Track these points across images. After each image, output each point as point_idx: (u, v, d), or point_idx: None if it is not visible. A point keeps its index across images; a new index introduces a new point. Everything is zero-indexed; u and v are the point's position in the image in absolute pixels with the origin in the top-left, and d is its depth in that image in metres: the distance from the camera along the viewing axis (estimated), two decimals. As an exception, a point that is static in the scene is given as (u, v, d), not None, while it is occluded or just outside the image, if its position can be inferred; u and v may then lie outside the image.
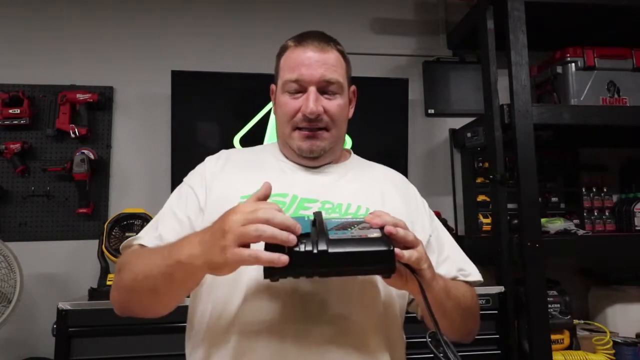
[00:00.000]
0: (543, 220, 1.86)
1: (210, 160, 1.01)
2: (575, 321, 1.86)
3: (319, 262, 0.64)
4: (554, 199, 2.19)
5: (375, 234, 0.68)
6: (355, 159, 1.08)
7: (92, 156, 2.03)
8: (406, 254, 0.69)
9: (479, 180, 2.19)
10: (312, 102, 0.91)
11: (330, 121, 0.94)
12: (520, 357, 1.70)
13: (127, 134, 2.14)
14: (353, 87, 1.04)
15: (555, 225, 1.91)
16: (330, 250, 0.64)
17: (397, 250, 0.67)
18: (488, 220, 2.07)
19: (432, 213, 1.04)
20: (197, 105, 2.07)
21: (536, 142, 1.74)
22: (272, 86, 1.03)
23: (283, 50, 0.98)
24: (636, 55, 2.03)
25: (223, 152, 1.03)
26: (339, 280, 0.82)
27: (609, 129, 2.01)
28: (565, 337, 1.81)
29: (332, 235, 0.66)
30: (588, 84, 1.99)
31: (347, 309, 0.82)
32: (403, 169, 2.18)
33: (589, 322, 1.98)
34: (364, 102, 2.30)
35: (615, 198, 2.22)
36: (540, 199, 1.88)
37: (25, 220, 2.02)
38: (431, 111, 2.32)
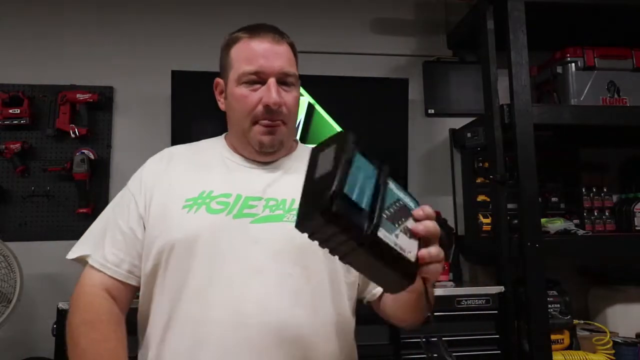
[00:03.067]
0: (543, 220, 1.86)
1: (152, 161, 1.00)
2: (575, 321, 1.86)
3: (351, 249, 0.57)
4: (554, 199, 2.18)
5: (412, 251, 0.61)
6: (300, 149, 1.05)
7: (92, 156, 2.03)
8: (428, 272, 0.63)
9: (479, 180, 2.18)
10: (274, 92, 0.90)
11: (287, 114, 0.93)
12: (520, 357, 1.70)
13: (127, 134, 2.14)
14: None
15: (555, 225, 1.91)
16: (370, 249, 0.57)
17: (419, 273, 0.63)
18: (488, 220, 2.07)
19: None
20: (197, 105, 2.06)
21: (536, 142, 1.74)
22: (217, 80, 1.01)
23: (233, 41, 0.96)
24: (636, 55, 2.03)
25: (165, 152, 1.02)
26: (292, 280, 0.84)
27: (609, 129, 2.01)
28: (565, 337, 1.81)
29: (381, 231, 0.57)
30: (588, 84, 1.99)
31: (300, 316, 0.84)
32: (403, 169, 2.18)
33: (589, 322, 1.98)
34: (364, 102, 2.31)
35: (615, 198, 2.21)
36: (540, 199, 1.88)
37: (25, 220, 2.02)
38: (431, 111, 2.32)
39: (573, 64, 2.00)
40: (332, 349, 0.87)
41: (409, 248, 0.61)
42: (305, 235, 0.57)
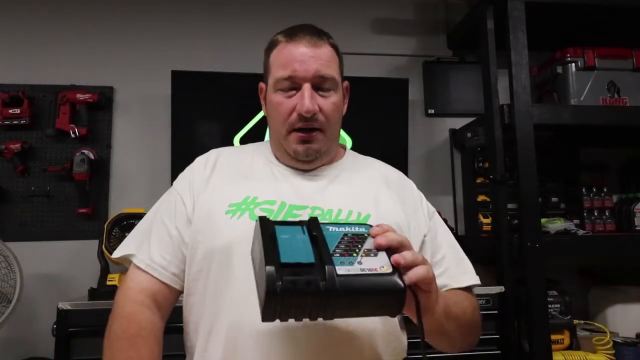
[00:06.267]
0: (543, 220, 1.87)
1: (199, 162, 0.98)
2: (575, 321, 1.86)
3: (325, 302, 0.56)
4: (554, 199, 2.18)
5: (385, 265, 0.60)
6: (348, 157, 1.03)
7: (92, 156, 2.03)
8: (410, 274, 0.62)
9: (479, 180, 2.18)
10: (307, 99, 0.86)
11: (325, 121, 0.90)
12: (520, 357, 1.70)
13: (127, 134, 2.14)
14: (346, 83, 1.01)
15: (555, 225, 1.91)
16: (340, 289, 0.56)
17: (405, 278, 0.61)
18: (488, 220, 2.07)
19: (432, 209, 1.00)
20: (197, 105, 2.06)
21: (536, 142, 1.74)
22: (261, 84, 0.98)
23: (273, 45, 0.93)
24: (636, 55, 2.03)
25: (212, 153, 1.00)
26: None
27: (609, 129, 2.01)
28: (565, 337, 1.81)
29: (340, 269, 0.57)
30: (588, 84, 1.99)
31: (343, 325, 0.80)
32: (403, 169, 2.15)
33: (589, 322, 1.98)
34: (364, 102, 2.30)
35: (615, 198, 2.21)
36: (540, 199, 1.88)
37: (25, 220, 2.02)
38: (431, 111, 2.32)
39: (573, 64, 2.00)
40: (378, 352, 0.83)
41: (380, 264, 0.60)
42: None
